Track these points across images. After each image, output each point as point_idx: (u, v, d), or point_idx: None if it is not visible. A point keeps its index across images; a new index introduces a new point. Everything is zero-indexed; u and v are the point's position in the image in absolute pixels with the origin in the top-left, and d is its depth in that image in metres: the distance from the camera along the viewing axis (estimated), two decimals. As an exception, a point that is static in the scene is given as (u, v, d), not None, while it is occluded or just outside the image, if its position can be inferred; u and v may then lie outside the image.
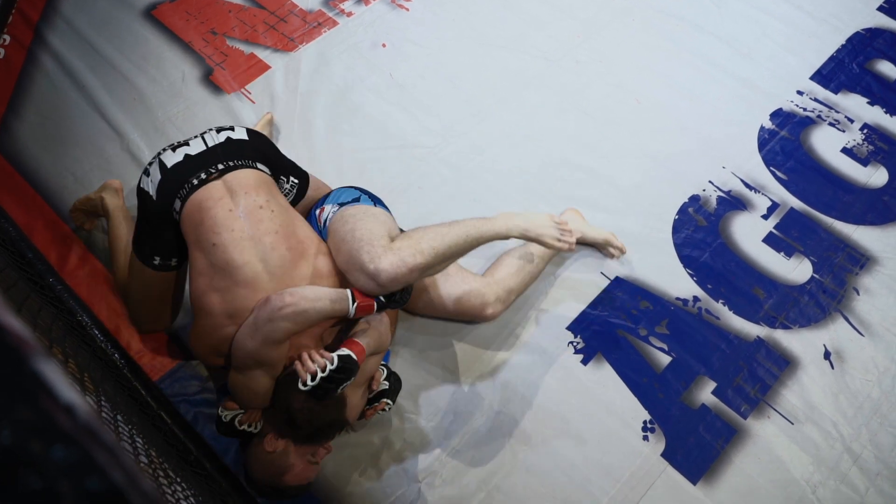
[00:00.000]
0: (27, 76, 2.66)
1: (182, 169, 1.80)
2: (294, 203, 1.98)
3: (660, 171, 2.53)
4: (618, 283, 2.27)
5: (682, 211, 2.44)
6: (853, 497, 1.94)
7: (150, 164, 1.87)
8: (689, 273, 2.30)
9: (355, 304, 1.66)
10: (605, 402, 2.06)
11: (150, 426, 1.87)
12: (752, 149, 2.60)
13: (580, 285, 2.26)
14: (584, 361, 2.12)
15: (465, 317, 2.10)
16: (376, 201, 1.98)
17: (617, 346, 2.15)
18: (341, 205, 1.91)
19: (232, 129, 1.91)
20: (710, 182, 2.51)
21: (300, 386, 1.57)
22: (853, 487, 1.95)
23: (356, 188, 2.03)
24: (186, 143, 1.86)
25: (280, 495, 1.78)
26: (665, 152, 2.57)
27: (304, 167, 2.45)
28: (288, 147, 2.52)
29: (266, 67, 2.75)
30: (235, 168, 1.80)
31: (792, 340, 2.19)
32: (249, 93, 2.66)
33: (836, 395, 2.09)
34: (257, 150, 1.89)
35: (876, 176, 2.55)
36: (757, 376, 2.12)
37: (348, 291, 1.68)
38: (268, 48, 2.81)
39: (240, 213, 1.73)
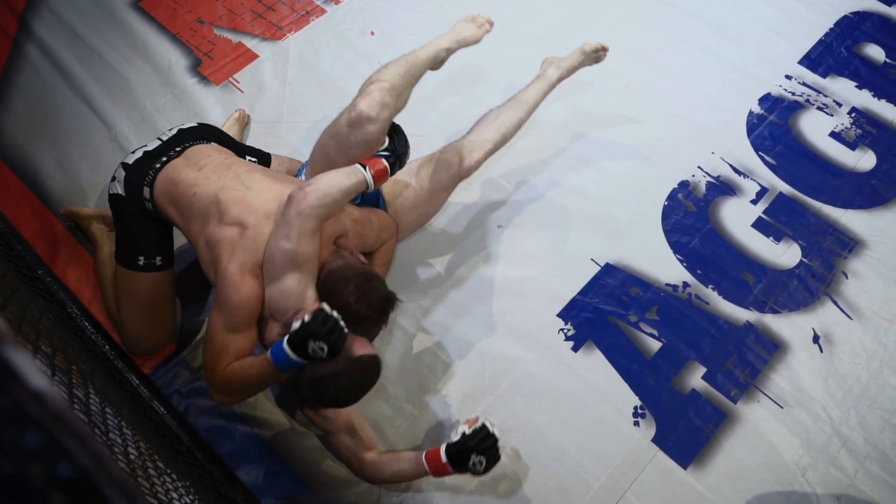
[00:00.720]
0: (13, 66, 2.64)
1: (143, 161, 1.91)
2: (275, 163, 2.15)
3: (649, 157, 2.53)
4: (608, 270, 2.28)
5: (672, 197, 2.45)
6: (842, 479, 1.95)
7: (115, 169, 1.96)
8: (678, 259, 2.31)
9: (368, 170, 1.71)
10: (595, 388, 2.07)
11: (141, 417, 1.87)
12: (741, 134, 2.61)
13: (570, 272, 2.27)
14: (575, 348, 2.13)
15: (450, 179, 2.07)
16: None
17: (607, 332, 2.16)
18: None
19: (183, 124, 2.04)
20: (699, 168, 2.51)
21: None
22: (842, 470, 1.97)
23: None
24: (144, 145, 1.97)
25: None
26: (654, 138, 2.57)
27: (292, 157, 2.46)
28: (276, 136, 2.51)
29: (254, 56, 2.73)
30: (192, 145, 1.93)
31: (781, 325, 2.20)
32: (237, 82, 2.65)
33: (826, 378, 2.11)
34: (211, 133, 2.03)
35: (864, 160, 2.56)
36: (747, 361, 2.13)
37: (357, 164, 1.73)
38: (256, 37, 2.79)
39: (209, 169, 1.82)
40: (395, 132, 1.86)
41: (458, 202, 2.39)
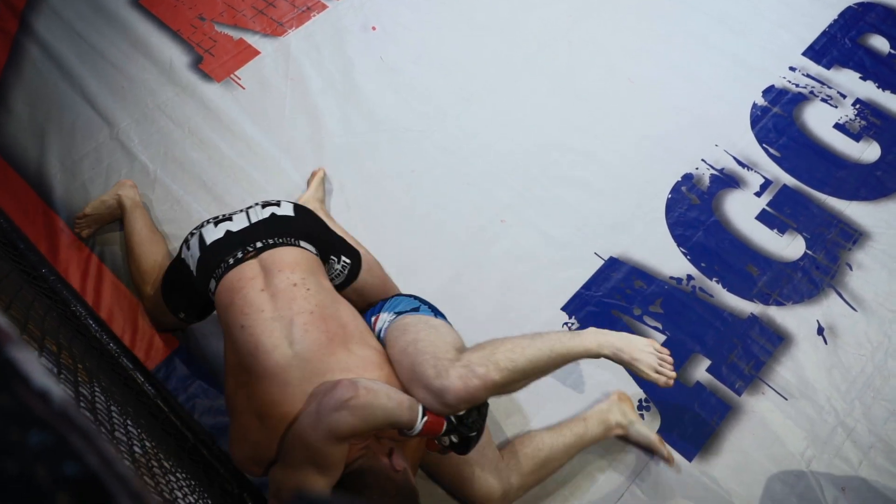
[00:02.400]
0: (13, 65, 2.64)
1: (221, 247, 1.70)
2: (346, 284, 1.84)
3: (653, 150, 2.52)
4: (612, 264, 2.27)
5: (676, 190, 2.44)
6: (847, 470, 1.95)
7: (192, 234, 1.79)
8: (682, 252, 2.31)
9: (424, 418, 1.41)
10: (600, 382, 2.07)
11: (146, 415, 1.87)
12: (744, 126, 2.60)
13: (574, 266, 2.26)
14: (579, 342, 2.12)
15: (464, 498, 1.78)
16: (436, 312, 1.78)
17: (611, 326, 2.15)
18: (398, 314, 1.72)
19: (278, 204, 1.81)
20: (702, 160, 2.51)
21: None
22: (847, 461, 1.97)
23: (415, 297, 1.85)
24: (230, 218, 1.77)
25: None
26: (658, 131, 2.57)
27: (294, 154, 2.46)
28: (279, 134, 2.51)
29: (255, 53, 2.73)
30: (275, 245, 1.68)
31: (786, 317, 2.20)
32: (239, 79, 2.65)
33: (830, 370, 2.11)
34: (303, 229, 1.76)
35: (868, 151, 2.55)
36: (751, 353, 2.13)
37: (419, 404, 1.44)
38: (257, 33, 2.79)
39: (272, 292, 1.58)
40: (479, 408, 1.52)
41: (461, 198, 2.39)
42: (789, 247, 2.33)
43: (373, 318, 1.77)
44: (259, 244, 1.68)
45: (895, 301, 2.23)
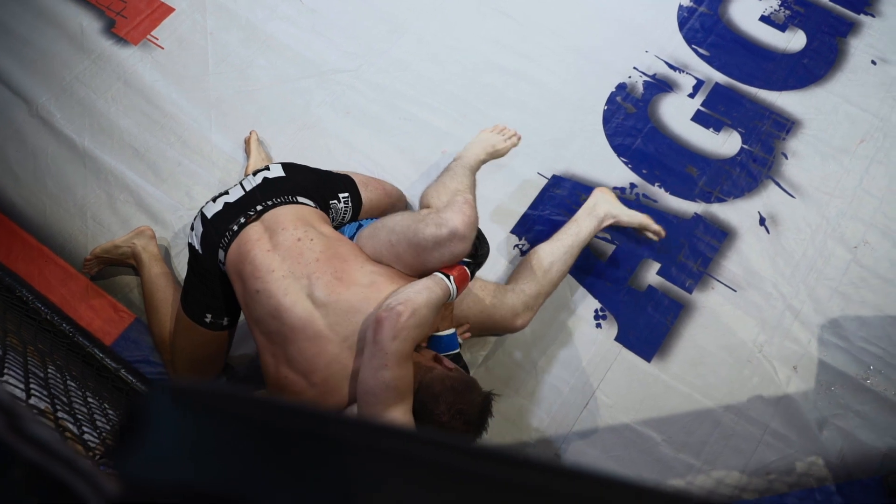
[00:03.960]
0: (-85, 52, 2.50)
1: (222, 217, 1.72)
2: (357, 212, 1.91)
3: (584, 63, 2.52)
4: (556, 181, 2.29)
5: (611, 101, 2.45)
6: (797, 350, 2.04)
7: (195, 217, 1.80)
8: (623, 161, 2.33)
9: (451, 278, 1.55)
10: (555, 297, 2.10)
11: (109, 388, 1.86)
12: (672, 29, 2.60)
13: (518, 188, 2.28)
14: (532, 261, 2.16)
15: (496, 330, 1.93)
16: None
17: (561, 242, 2.19)
18: (359, 228, 1.82)
19: (267, 168, 1.82)
20: (634, 68, 2.51)
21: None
22: (796, 341, 2.06)
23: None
24: (226, 192, 1.79)
25: None
26: (587, 44, 2.56)
27: (225, 109, 2.40)
28: (206, 90, 2.44)
29: (170, 10, 2.63)
30: (274, 206, 1.71)
31: (728, 212, 2.25)
32: (156, 39, 2.55)
33: (774, 257, 2.18)
34: (297, 184, 1.80)
35: (794, 40, 2.57)
36: (698, 251, 2.19)
37: (438, 273, 1.55)
38: (168, -11, 2.67)
39: (279, 251, 1.61)
40: (478, 237, 1.67)
41: (399, 134, 2.37)
42: (726, 143, 2.37)
43: None
44: (259, 207, 1.71)
45: (830, 184, 2.29)
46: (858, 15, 2.62)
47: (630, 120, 2.41)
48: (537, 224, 2.22)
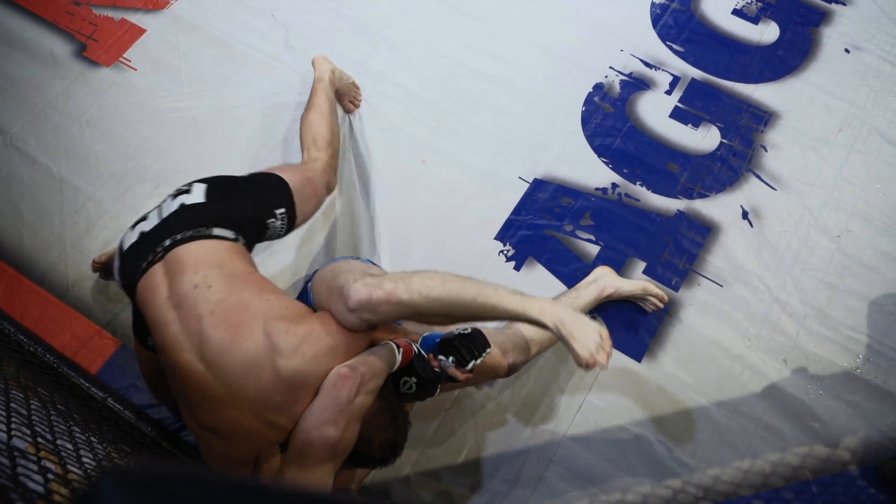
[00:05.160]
0: None
1: (135, 251, 1.55)
2: (292, 225, 1.78)
3: (560, 64, 2.52)
4: (537, 185, 2.29)
5: (588, 101, 2.45)
6: (786, 342, 2.05)
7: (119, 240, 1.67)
8: (604, 161, 2.33)
9: (400, 349, 1.50)
10: (543, 301, 2.10)
11: (97, 418, 1.84)
12: (646, 26, 2.60)
13: (500, 193, 2.27)
14: (517, 267, 2.15)
15: (483, 378, 1.84)
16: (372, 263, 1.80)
17: (546, 246, 2.18)
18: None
19: (189, 190, 1.63)
20: (610, 68, 2.51)
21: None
22: (785, 333, 2.06)
23: (354, 256, 1.92)
24: (145, 218, 1.61)
25: None
26: (562, 44, 2.56)
27: (201, 128, 2.38)
28: (182, 110, 2.42)
29: (141, 31, 2.60)
30: (182, 241, 1.51)
31: (711, 207, 2.26)
32: (129, 61, 2.53)
33: (758, 250, 2.18)
34: (217, 212, 1.60)
35: (768, 32, 2.58)
36: (683, 248, 2.19)
37: (390, 342, 1.50)
38: (138, 10, 2.65)
39: (175, 301, 1.45)
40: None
41: (377, 145, 2.36)
42: (705, 139, 2.37)
43: (310, 285, 1.72)
44: (167, 241, 1.52)
45: (810, 174, 2.30)
46: (830, 4, 2.64)
47: (609, 120, 2.41)
48: (521, 229, 2.21)
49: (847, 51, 2.53)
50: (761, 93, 2.46)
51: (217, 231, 1.56)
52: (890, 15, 2.60)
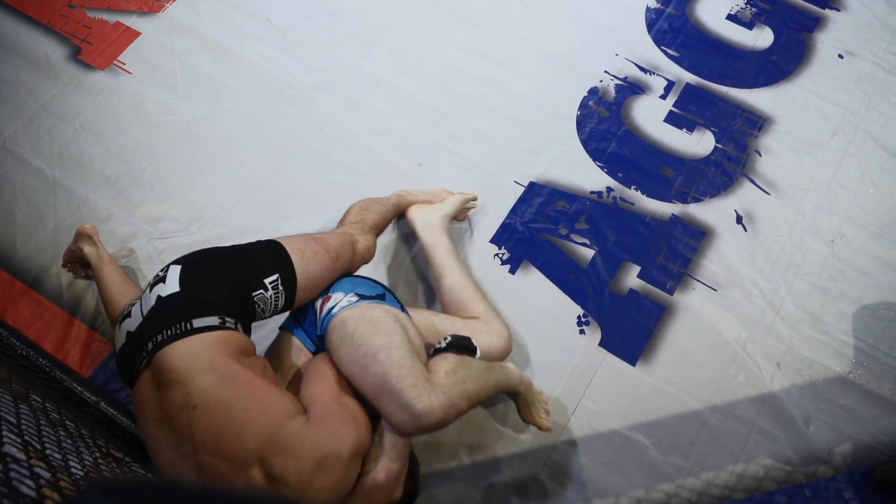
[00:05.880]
0: None
1: (126, 355, 1.49)
2: (291, 296, 1.62)
3: (556, 69, 2.52)
4: (532, 189, 2.29)
5: (584, 105, 2.45)
6: (780, 346, 2.05)
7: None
8: (598, 166, 2.33)
9: None
10: (538, 305, 2.10)
11: (90, 421, 1.83)
12: (641, 31, 2.61)
13: (496, 196, 2.27)
14: (512, 271, 2.15)
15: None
16: (401, 306, 1.70)
17: (541, 249, 2.19)
18: (361, 297, 1.62)
19: (164, 278, 1.52)
20: (605, 72, 2.52)
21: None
22: (779, 337, 2.06)
23: (378, 283, 1.74)
24: (129, 314, 1.53)
25: None
26: (558, 49, 2.56)
27: (196, 132, 2.38)
28: (176, 112, 2.42)
29: (136, 34, 2.60)
30: (163, 343, 1.41)
31: (705, 211, 2.26)
32: (123, 64, 2.52)
33: (752, 255, 2.18)
34: (194, 299, 1.48)
35: (762, 37, 2.59)
36: (677, 252, 2.19)
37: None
38: (133, 13, 2.65)
39: (164, 419, 1.37)
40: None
41: (374, 149, 2.36)
42: (700, 143, 2.38)
43: (320, 302, 1.66)
44: (150, 345, 1.43)
45: (804, 179, 2.31)
46: (823, 10, 2.65)
47: (604, 124, 2.41)
48: (516, 232, 2.21)
49: (841, 56, 2.54)
50: (755, 98, 2.47)
51: (197, 322, 1.44)
52: (883, 21, 2.61)
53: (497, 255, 2.18)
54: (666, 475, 1.90)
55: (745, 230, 2.22)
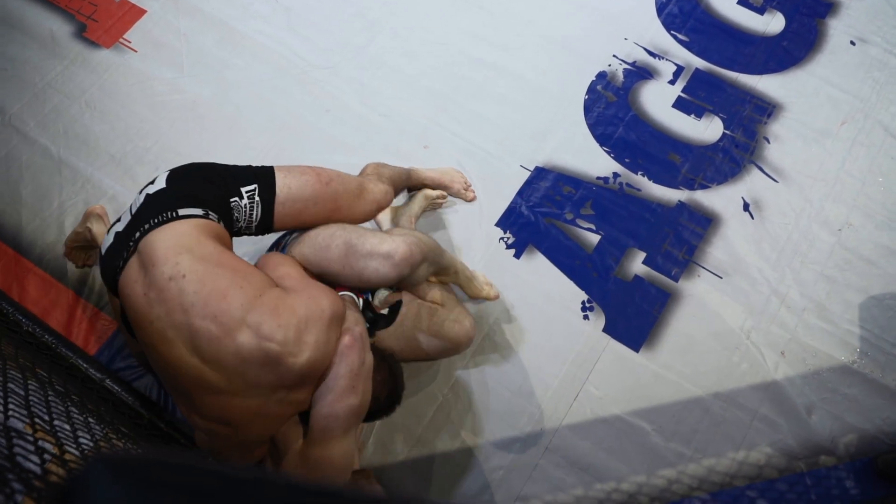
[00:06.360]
0: None
1: (113, 252, 1.52)
2: (268, 210, 1.64)
3: (563, 53, 2.50)
4: (539, 173, 2.28)
5: (591, 90, 2.43)
6: (784, 335, 2.05)
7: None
8: (605, 151, 2.32)
9: (360, 297, 1.65)
10: (542, 290, 2.10)
11: (95, 398, 1.84)
12: (650, 15, 2.58)
13: (501, 180, 2.26)
14: (517, 255, 2.15)
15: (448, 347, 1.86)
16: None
17: (546, 234, 2.18)
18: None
19: (153, 181, 1.59)
20: (614, 56, 2.50)
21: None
22: (783, 326, 2.06)
23: None
24: (119, 219, 1.58)
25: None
26: (565, 33, 2.54)
27: (202, 111, 2.37)
28: (182, 91, 2.41)
29: (142, 12, 2.58)
30: (150, 229, 1.47)
31: (712, 198, 2.25)
32: (129, 42, 2.51)
33: (759, 242, 2.18)
34: (178, 193, 1.54)
35: (773, 23, 2.57)
36: (683, 239, 2.18)
37: (347, 294, 1.64)
38: (139, -10, 2.63)
39: (153, 295, 1.40)
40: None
41: (379, 131, 2.35)
42: (708, 129, 2.36)
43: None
44: (137, 234, 1.48)
45: (813, 167, 2.29)
46: (836, -5, 2.62)
47: (611, 109, 2.40)
48: (521, 217, 2.20)
49: (853, 43, 2.52)
50: (765, 84, 2.45)
51: (182, 211, 1.50)
52: (896, 7, 2.58)
53: (502, 238, 2.18)
54: (667, 461, 1.90)
55: (752, 218, 2.21)
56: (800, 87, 2.43)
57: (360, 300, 1.66)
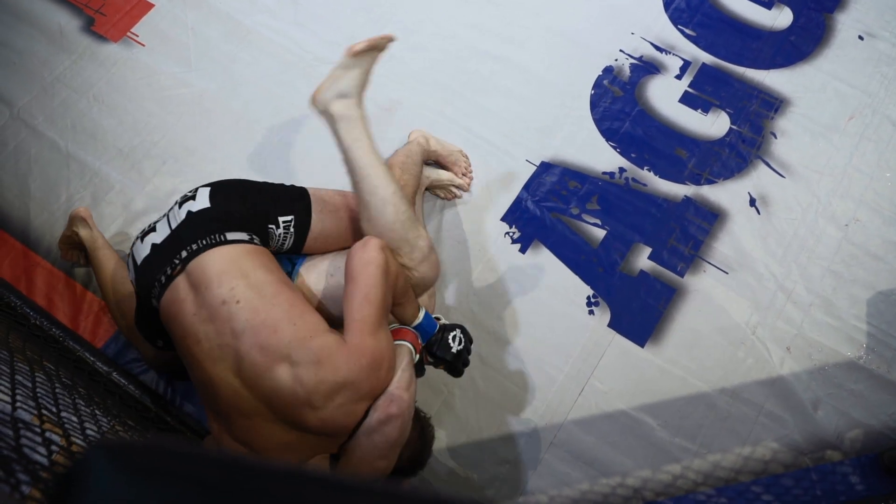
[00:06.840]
0: None
1: (150, 264, 1.56)
2: (301, 238, 1.68)
3: (569, 47, 2.50)
4: (544, 168, 2.28)
5: (598, 84, 2.43)
6: (790, 330, 2.04)
7: (128, 255, 1.66)
8: (611, 146, 2.32)
9: (416, 354, 1.61)
10: (547, 285, 2.10)
11: (102, 391, 1.86)
12: (657, 9, 2.58)
13: (507, 175, 2.26)
14: (522, 250, 2.15)
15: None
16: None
17: (552, 229, 2.18)
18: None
19: (194, 196, 1.61)
20: (620, 51, 2.49)
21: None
22: (790, 321, 2.05)
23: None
24: (154, 229, 1.61)
25: None
26: (572, 27, 2.53)
27: (209, 105, 2.37)
28: (190, 85, 2.41)
29: (149, 6, 2.59)
30: (199, 251, 1.50)
31: (718, 193, 2.24)
32: (137, 36, 2.52)
33: (765, 238, 2.17)
34: (225, 215, 1.57)
35: (781, 17, 2.55)
36: (689, 234, 2.18)
37: (405, 345, 1.58)
38: (146, -15, 2.63)
39: (204, 315, 1.45)
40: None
41: (384, 125, 2.35)
42: (714, 124, 2.36)
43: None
44: (184, 253, 1.52)
45: (819, 162, 2.28)
46: (845, -10, 2.60)
47: (618, 103, 2.39)
48: (527, 211, 2.20)
49: (861, 38, 2.50)
50: (772, 79, 2.44)
51: (231, 236, 1.55)
52: (905, 2, 2.57)
53: (508, 233, 2.18)
54: (673, 456, 1.90)
55: (759, 213, 2.21)
56: (807, 82, 2.42)
57: (417, 355, 1.61)
